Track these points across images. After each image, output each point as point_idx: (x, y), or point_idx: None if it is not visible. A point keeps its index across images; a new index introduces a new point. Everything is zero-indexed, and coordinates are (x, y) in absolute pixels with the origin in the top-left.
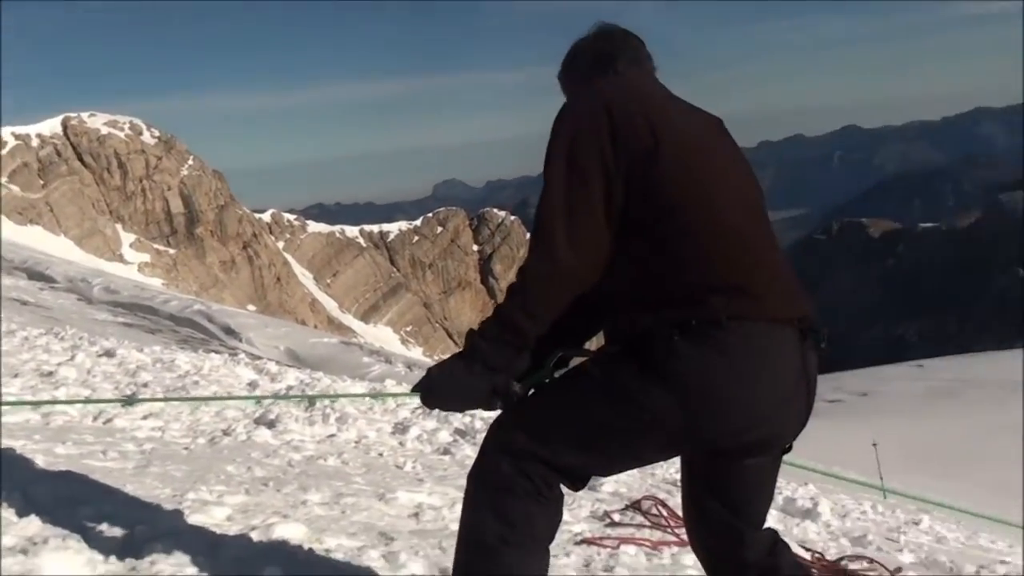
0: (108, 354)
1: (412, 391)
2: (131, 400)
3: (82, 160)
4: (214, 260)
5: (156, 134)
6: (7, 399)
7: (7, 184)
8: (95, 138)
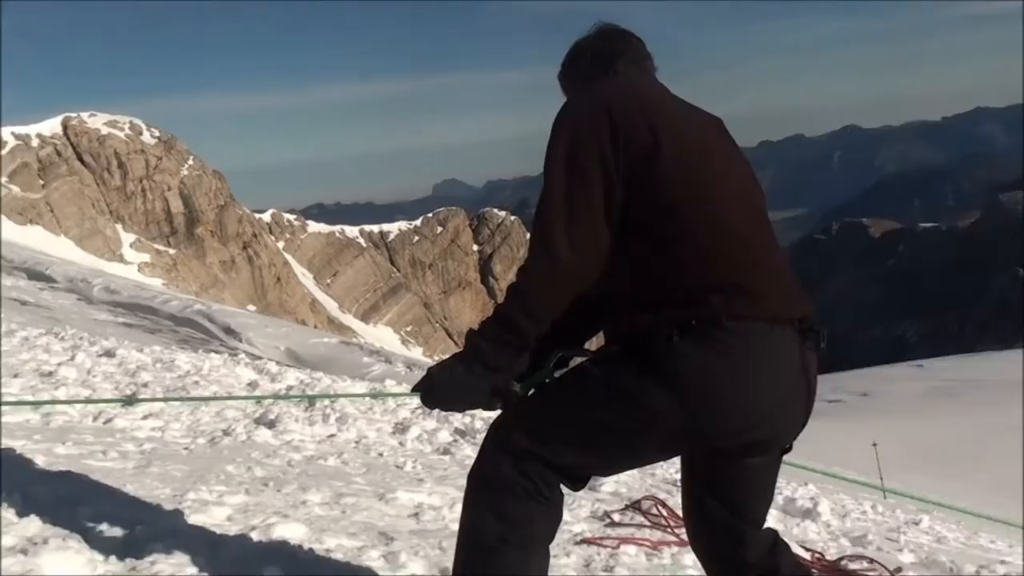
0: (108, 354)
1: (412, 391)
2: (131, 400)
3: (82, 160)
4: (214, 260)
5: (156, 134)
6: (7, 399)
7: (7, 184)
8: (95, 138)
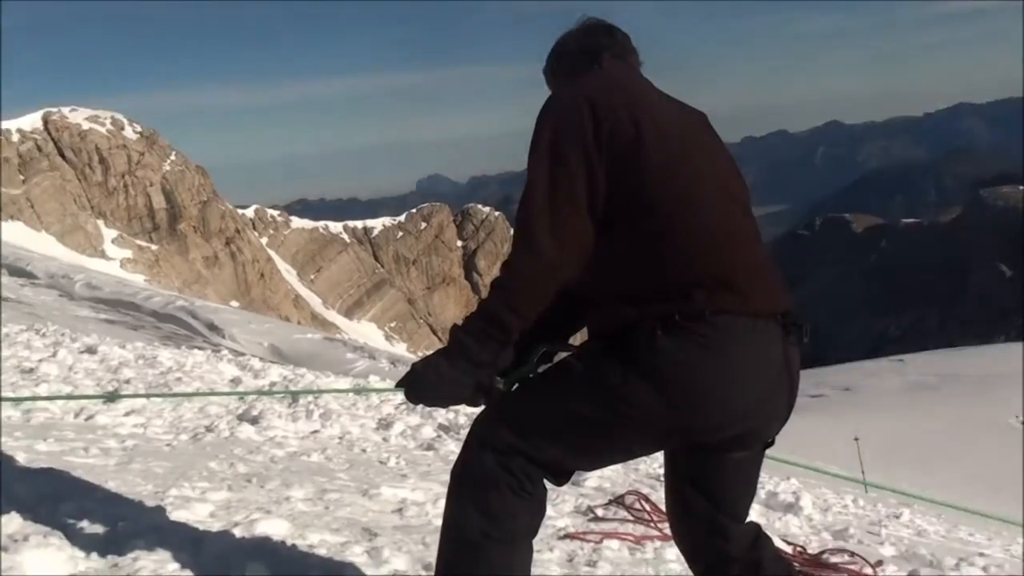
0: (90, 351)
1: (396, 387)
2: (113, 396)
3: (63, 155)
4: (197, 256)
5: (138, 129)
6: None
7: None
8: (76, 133)
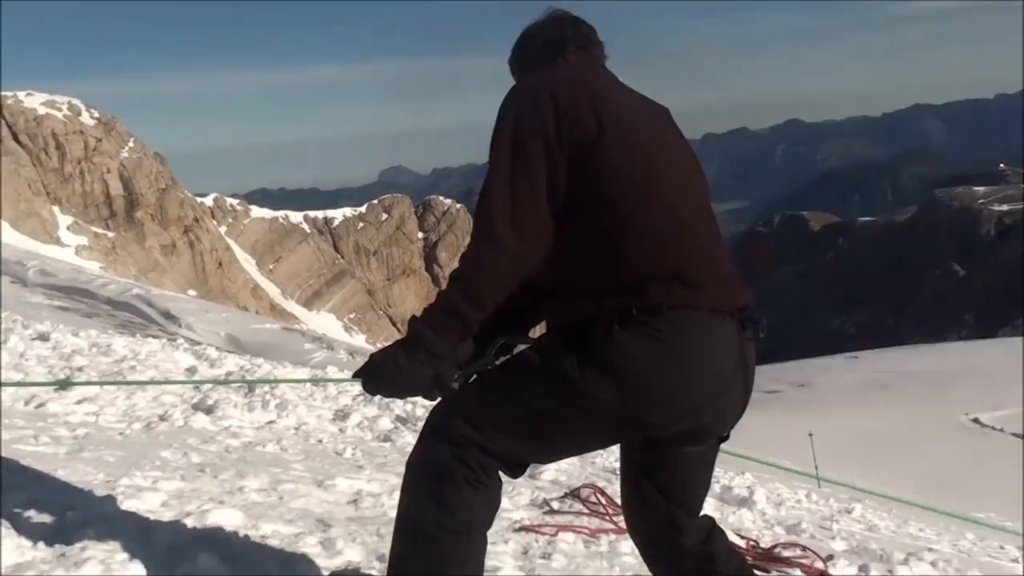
0: (42, 337)
1: (353, 377)
2: (65, 383)
3: (18, 140)
4: (154, 244)
5: (96, 115)
6: None
7: None
8: (32, 118)
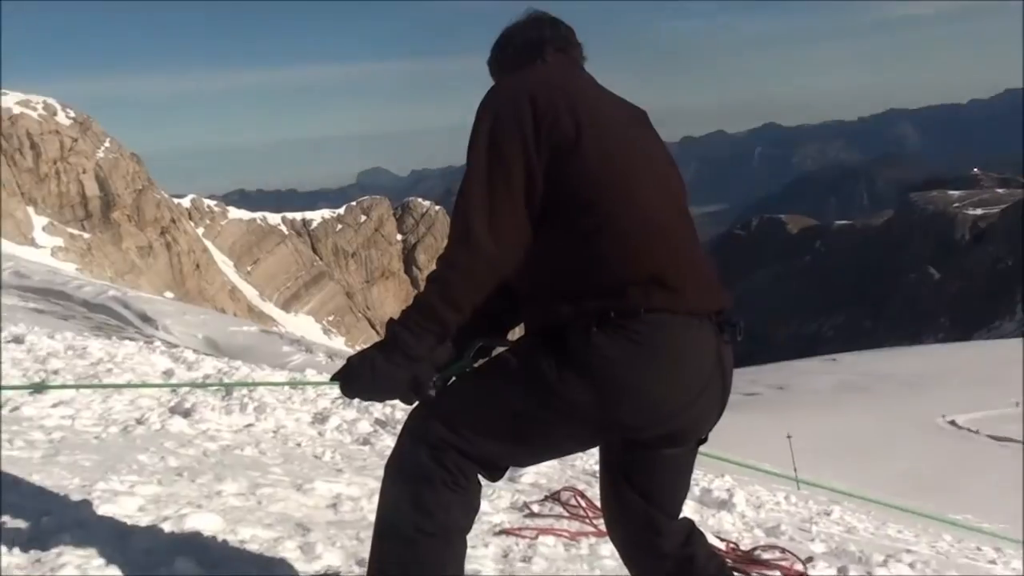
0: (16, 340)
1: (331, 380)
2: (40, 387)
3: None
4: (131, 245)
5: (71, 115)
6: None
7: None
8: (7, 118)
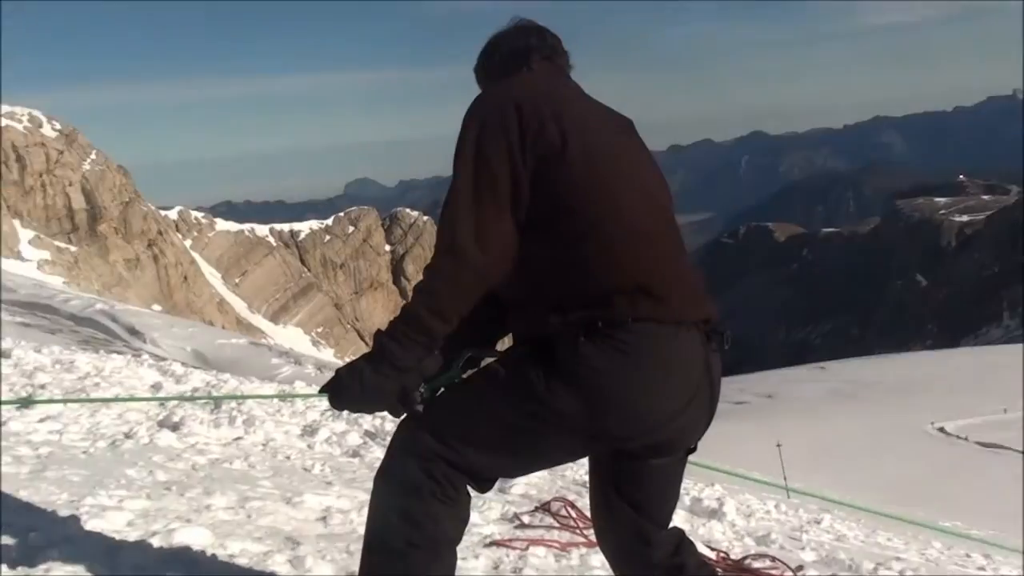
0: (3, 355)
1: (320, 392)
2: (27, 402)
3: None
4: (118, 258)
5: (57, 127)
6: None
7: None
8: None
